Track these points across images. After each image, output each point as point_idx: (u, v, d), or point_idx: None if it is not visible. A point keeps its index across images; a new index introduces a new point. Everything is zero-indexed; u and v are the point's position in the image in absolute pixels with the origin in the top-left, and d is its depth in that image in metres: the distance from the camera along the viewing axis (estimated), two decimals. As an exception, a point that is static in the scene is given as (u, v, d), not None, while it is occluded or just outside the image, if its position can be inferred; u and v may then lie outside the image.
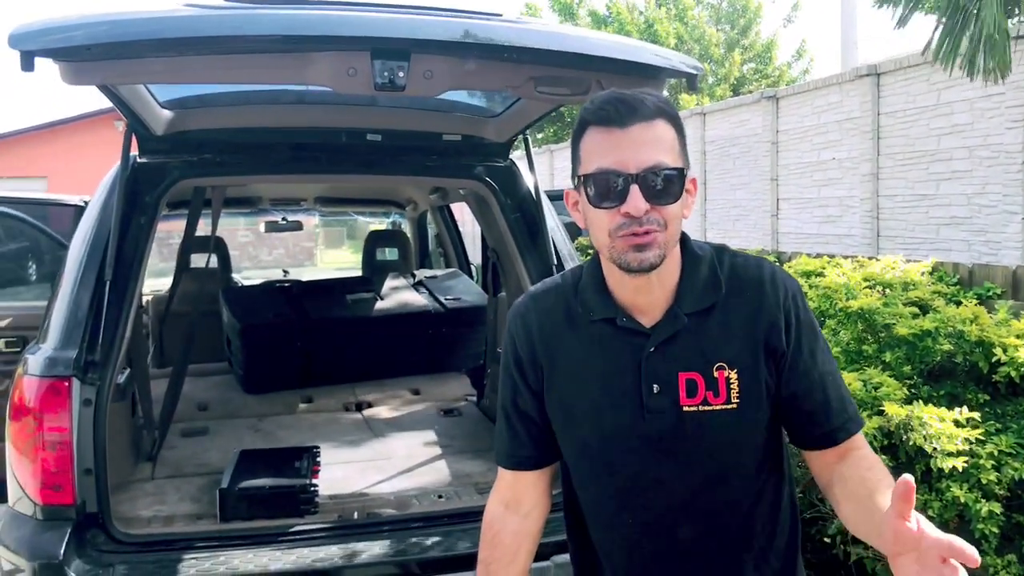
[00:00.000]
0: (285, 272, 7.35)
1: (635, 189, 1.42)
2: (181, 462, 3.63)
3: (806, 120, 10.77)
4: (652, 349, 1.52)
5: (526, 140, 3.45)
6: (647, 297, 1.53)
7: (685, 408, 1.51)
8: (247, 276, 7.62)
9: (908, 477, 1.19)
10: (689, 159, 1.51)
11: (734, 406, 1.51)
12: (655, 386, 1.51)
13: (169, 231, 8.15)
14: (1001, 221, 7.70)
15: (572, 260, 3.32)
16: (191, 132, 3.18)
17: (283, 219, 6.38)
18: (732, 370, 1.51)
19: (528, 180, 3.41)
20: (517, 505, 1.69)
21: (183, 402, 4.05)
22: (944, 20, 4.64)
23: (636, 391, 1.52)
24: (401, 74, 2.19)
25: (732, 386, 1.51)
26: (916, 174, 8.84)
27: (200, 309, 4.38)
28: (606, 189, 1.44)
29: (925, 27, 5.65)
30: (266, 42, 2.14)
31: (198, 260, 5.06)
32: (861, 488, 1.45)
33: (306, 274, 6.95)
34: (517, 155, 3.72)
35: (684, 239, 1.56)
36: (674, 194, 1.45)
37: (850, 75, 9.94)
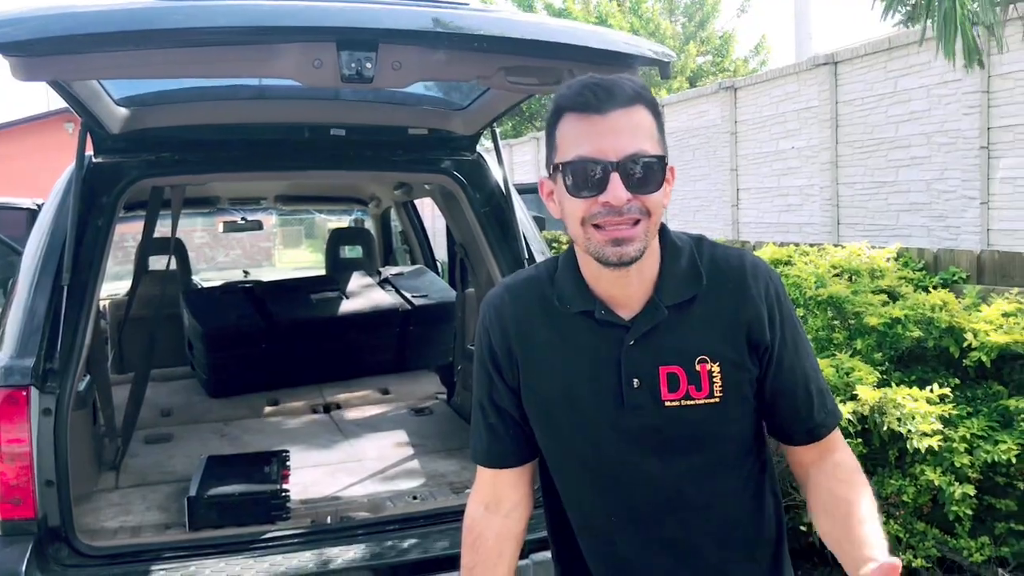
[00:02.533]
0: (245, 273, 7.24)
1: (615, 178, 1.37)
2: (146, 470, 3.53)
3: (764, 110, 10.83)
4: (632, 343, 1.47)
5: (494, 133, 3.40)
6: (626, 289, 1.48)
7: (667, 403, 1.47)
8: (205, 278, 7.48)
9: (896, 562, 1.23)
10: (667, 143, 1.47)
11: (717, 400, 1.47)
12: (635, 380, 1.47)
13: (124, 233, 7.99)
14: (960, 206, 7.79)
15: (543, 254, 3.28)
16: (149, 130, 3.09)
17: (242, 219, 6.28)
18: (715, 363, 1.47)
19: (496, 173, 3.36)
20: (498, 505, 1.64)
21: (146, 408, 3.95)
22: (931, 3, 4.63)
23: (616, 386, 1.48)
24: (369, 65, 2.13)
25: (715, 379, 1.47)
26: (875, 161, 8.92)
27: (160, 313, 4.27)
28: (584, 178, 1.39)
29: (877, 17, 5.68)
30: (228, 34, 2.06)
31: (157, 263, 4.94)
32: (838, 508, 1.45)
33: (265, 275, 6.84)
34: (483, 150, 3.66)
35: (663, 229, 1.51)
36: (655, 182, 1.40)
37: (807, 64, 10.00)
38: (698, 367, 1.47)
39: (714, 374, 1.47)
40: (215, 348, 4.54)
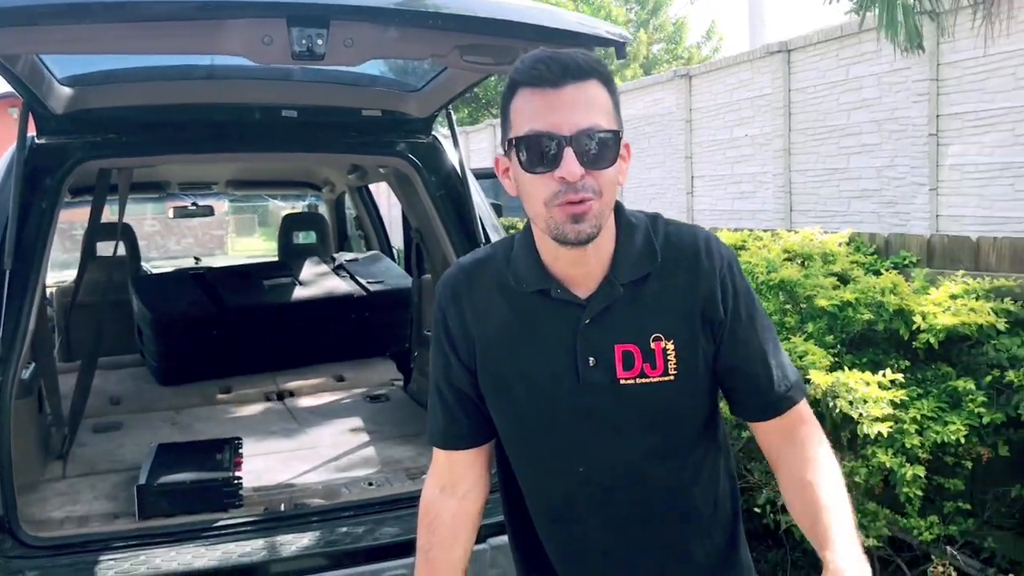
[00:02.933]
0: (197, 260, 7.12)
1: (569, 152, 1.35)
2: (94, 459, 3.46)
3: (719, 98, 10.90)
4: (587, 321, 1.47)
5: (449, 115, 3.36)
6: (582, 268, 1.47)
7: (622, 381, 1.46)
8: (156, 266, 7.35)
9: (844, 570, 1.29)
10: (623, 123, 1.45)
11: (671, 378, 1.47)
12: (591, 359, 1.46)
13: (73, 221, 7.82)
14: (910, 193, 7.92)
15: (500, 237, 3.25)
16: (94, 110, 3.00)
17: (193, 204, 6.17)
18: (669, 341, 1.47)
19: (452, 156, 3.33)
20: (454, 487, 1.62)
21: (94, 397, 3.86)
22: None
23: (572, 364, 1.47)
24: (320, 42, 2.09)
25: (669, 357, 1.47)
26: (827, 148, 9.03)
27: (108, 299, 4.18)
28: (539, 153, 1.37)
29: (834, 6, 5.74)
30: (175, 9, 2.00)
31: (104, 249, 4.84)
32: (804, 493, 1.45)
33: (217, 263, 6.74)
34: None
35: (618, 208, 1.50)
36: (609, 159, 1.39)
37: (761, 52, 10.08)
38: (653, 345, 1.47)
39: (668, 352, 1.47)
40: (165, 335, 4.46)
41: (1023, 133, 6.84)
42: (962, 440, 3.28)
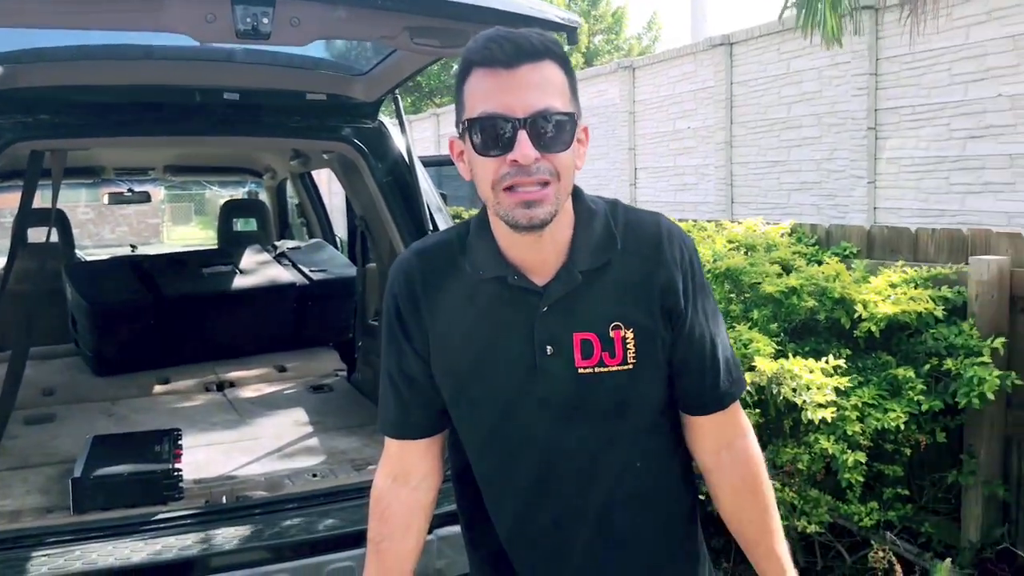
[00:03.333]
0: (133, 248, 6.94)
1: (523, 135, 1.32)
2: (26, 452, 3.35)
3: (662, 90, 10.98)
4: (545, 309, 1.44)
5: (396, 100, 3.30)
6: (539, 254, 1.44)
7: (580, 370, 1.44)
8: (91, 254, 7.14)
9: None
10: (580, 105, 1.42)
11: (630, 366, 1.45)
12: (548, 347, 1.43)
13: (2, 208, 7.57)
14: (849, 185, 8.06)
15: (448, 225, 3.21)
16: (24, 90, 2.89)
17: (129, 190, 6.00)
18: (628, 329, 1.45)
19: (399, 142, 3.28)
20: (406, 477, 1.59)
21: (26, 388, 3.72)
22: None
23: (529, 352, 1.44)
24: (265, 20, 2.02)
25: (628, 346, 1.45)
26: (768, 141, 9.15)
27: (41, 287, 4.04)
28: (493, 135, 1.34)
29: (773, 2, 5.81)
30: None
31: (36, 236, 4.67)
32: (748, 513, 1.56)
33: (154, 252, 6.58)
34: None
35: (577, 193, 1.47)
36: (565, 141, 1.36)
37: (704, 45, 10.17)
38: (612, 333, 1.44)
39: (628, 341, 1.45)
40: (101, 324, 4.32)
41: (958, 128, 7.01)
42: (901, 427, 3.34)
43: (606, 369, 1.44)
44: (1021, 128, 6.52)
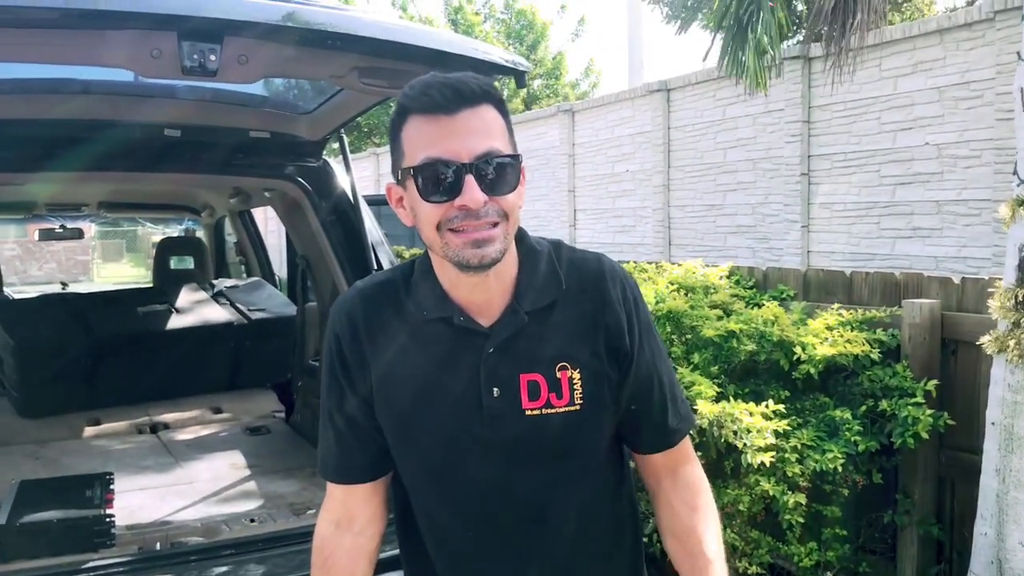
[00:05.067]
0: (64, 285, 6.77)
1: (470, 179, 1.31)
2: (-54, 498, 3.20)
3: (601, 133, 11.14)
4: (491, 350, 1.43)
5: (341, 139, 3.29)
6: (484, 295, 1.43)
7: (527, 412, 1.43)
8: (19, 291, 6.93)
9: None
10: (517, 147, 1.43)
11: (577, 407, 1.44)
12: (495, 389, 1.42)
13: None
14: (783, 229, 8.24)
15: (392, 264, 3.19)
16: None
17: (61, 227, 5.86)
18: (575, 370, 1.44)
19: (343, 181, 3.26)
20: (350, 522, 1.55)
21: (-53, 430, 3.59)
22: (722, 35, 4.99)
23: (475, 395, 1.42)
24: (213, 57, 1.99)
25: (575, 386, 1.44)
26: (704, 185, 9.33)
27: None
28: (436, 181, 1.33)
29: (711, 47, 5.97)
30: (56, 16, 1.88)
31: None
32: (687, 541, 1.52)
33: (84, 290, 6.41)
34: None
35: (521, 234, 1.47)
36: (510, 183, 1.36)
37: (642, 91, 10.36)
38: (559, 374, 1.44)
39: (575, 381, 1.44)
40: (28, 363, 4.18)
41: (888, 175, 7.23)
42: (839, 468, 3.39)
43: (553, 410, 1.43)
44: (947, 176, 6.76)
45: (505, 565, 1.51)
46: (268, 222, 9.62)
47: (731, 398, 3.55)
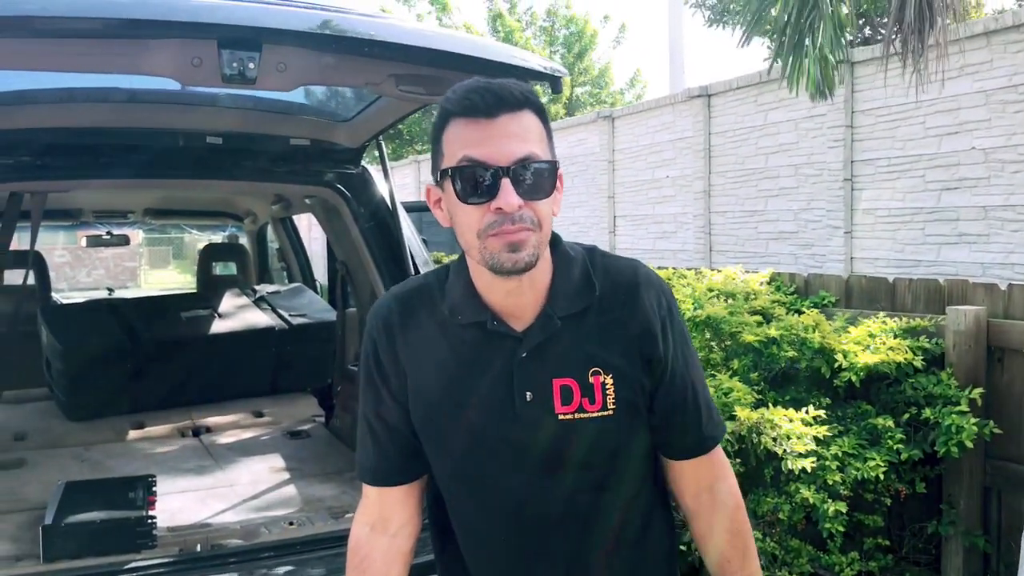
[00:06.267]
0: (110, 291, 6.90)
1: (506, 183, 1.33)
2: (-5, 498, 3.27)
3: (641, 139, 11.09)
4: (524, 354, 1.43)
5: (380, 146, 3.32)
6: (518, 300, 1.44)
7: (560, 416, 1.43)
8: (67, 297, 7.08)
9: None
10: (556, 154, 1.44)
11: (610, 412, 1.44)
12: (528, 393, 1.43)
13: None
14: (826, 235, 8.14)
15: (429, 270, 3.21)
16: (6, 132, 2.87)
17: (108, 233, 5.97)
18: (608, 375, 1.45)
19: (382, 188, 3.29)
20: (385, 525, 1.56)
21: (-3, 432, 3.67)
22: (784, 40, 4.92)
23: (508, 399, 1.43)
24: (252, 66, 2.03)
25: (608, 392, 1.45)
26: (746, 191, 9.25)
27: (16, 330, 4.00)
28: (474, 183, 1.35)
29: (752, 52, 5.92)
30: (100, 26, 1.92)
31: (13, 277, 4.63)
32: (731, 569, 1.55)
33: (131, 295, 6.52)
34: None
35: (555, 239, 1.48)
36: (546, 189, 1.37)
37: (682, 96, 10.31)
38: (591, 379, 1.44)
39: (607, 386, 1.44)
40: (75, 367, 4.26)
41: (933, 180, 7.11)
42: (881, 477, 3.34)
43: (586, 415, 1.44)
44: (994, 181, 6.63)
45: (534, 567, 1.52)
46: (312, 228, 9.72)
47: (770, 405, 3.52)
